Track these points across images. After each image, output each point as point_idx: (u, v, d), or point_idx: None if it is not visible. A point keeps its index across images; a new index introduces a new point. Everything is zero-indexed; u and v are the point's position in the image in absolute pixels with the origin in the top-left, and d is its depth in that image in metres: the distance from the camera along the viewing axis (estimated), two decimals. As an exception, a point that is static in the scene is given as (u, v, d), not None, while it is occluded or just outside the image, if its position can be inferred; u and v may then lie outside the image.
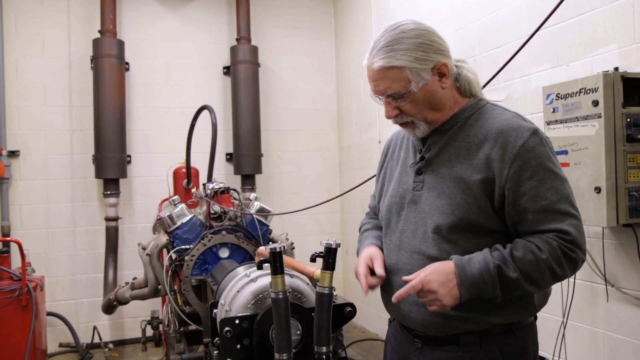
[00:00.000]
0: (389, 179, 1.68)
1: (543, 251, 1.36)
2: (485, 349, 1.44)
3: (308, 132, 5.84)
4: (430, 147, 1.53)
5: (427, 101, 1.47)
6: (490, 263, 1.36)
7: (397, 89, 1.44)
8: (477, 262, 1.37)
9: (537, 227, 1.39)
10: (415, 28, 1.45)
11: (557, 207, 1.38)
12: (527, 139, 1.39)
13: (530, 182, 1.38)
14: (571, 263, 1.39)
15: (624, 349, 2.56)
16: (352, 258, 5.51)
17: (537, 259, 1.36)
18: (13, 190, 4.81)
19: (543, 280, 1.39)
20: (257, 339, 1.65)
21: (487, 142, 1.43)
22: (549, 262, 1.36)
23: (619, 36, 2.51)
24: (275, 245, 1.55)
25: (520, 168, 1.38)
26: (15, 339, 3.63)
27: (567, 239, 1.37)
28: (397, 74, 1.43)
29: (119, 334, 5.10)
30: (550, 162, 1.40)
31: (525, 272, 1.36)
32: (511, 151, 1.39)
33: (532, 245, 1.37)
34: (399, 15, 4.52)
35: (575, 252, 1.38)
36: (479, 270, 1.36)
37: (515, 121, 1.44)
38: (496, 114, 1.48)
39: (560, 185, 1.39)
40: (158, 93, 5.30)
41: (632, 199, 2.29)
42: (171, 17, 5.38)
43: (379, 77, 1.46)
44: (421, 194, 1.51)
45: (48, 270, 4.78)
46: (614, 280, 2.59)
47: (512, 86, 3.21)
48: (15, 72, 4.85)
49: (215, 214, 3.07)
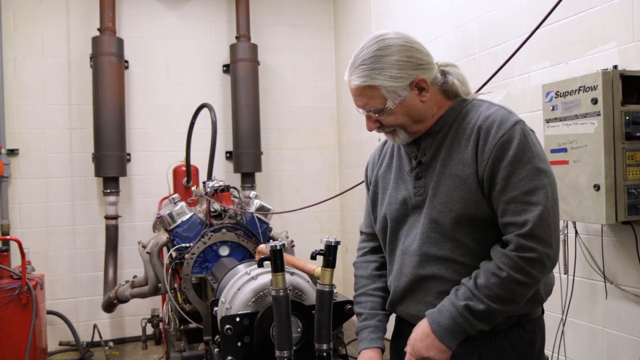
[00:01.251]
0: (383, 188, 1.67)
1: (503, 269, 1.35)
2: (496, 343, 1.46)
3: (308, 129, 5.84)
4: (425, 151, 1.55)
5: (406, 114, 1.49)
6: (458, 306, 1.39)
7: (374, 106, 1.48)
8: (447, 310, 1.40)
9: (504, 218, 1.39)
10: (393, 44, 1.46)
11: (525, 198, 1.36)
12: (508, 129, 1.40)
13: (503, 172, 1.38)
14: (536, 265, 1.34)
15: (622, 345, 2.57)
16: (351, 256, 5.52)
17: (500, 279, 1.35)
18: (12, 188, 4.81)
19: (516, 295, 1.37)
20: (258, 336, 1.66)
21: (473, 135, 1.45)
22: (512, 277, 1.34)
23: (618, 34, 2.52)
24: (276, 243, 1.56)
25: (498, 158, 1.39)
26: (16, 337, 3.63)
27: (524, 233, 1.34)
28: (373, 92, 1.46)
29: (119, 332, 5.11)
30: (529, 153, 1.38)
31: (494, 297, 1.36)
32: (491, 142, 1.40)
33: (492, 266, 1.38)
34: (399, 13, 4.52)
35: (534, 250, 1.33)
36: (450, 318, 1.39)
37: (499, 114, 1.45)
38: (482, 109, 1.50)
39: (535, 177, 1.37)
40: (157, 91, 5.30)
41: (630, 197, 2.30)
42: (171, 15, 5.37)
43: (357, 94, 1.49)
44: (423, 198, 1.51)
45: (48, 269, 4.79)
46: (612, 277, 2.60)
47: (511, 84, 3.21)
48: (15, 71, 4.84)
49: (215, 212, 3.08)
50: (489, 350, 1.46)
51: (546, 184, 1.38)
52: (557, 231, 1.39)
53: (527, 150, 1.38)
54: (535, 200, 1.35)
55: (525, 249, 1.34)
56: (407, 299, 1.55)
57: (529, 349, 1.50)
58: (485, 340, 1.46)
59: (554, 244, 1.37)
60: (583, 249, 2.72)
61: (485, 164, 1.40)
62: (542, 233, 1.34)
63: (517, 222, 1.36)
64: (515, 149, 1.38)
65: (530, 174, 1.37)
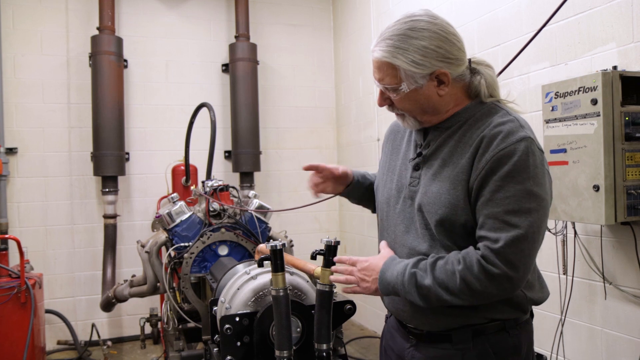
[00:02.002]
0: (389, 169, 1.66)
1: (460, 262, 1.34)
2: (478, 346, 1.45)
3: (307, 129, 5.84)
4: (429, 144, 1.52)
5: (417, 102, 1.46)
6: (408, 271, 1.40)
7: (388, 83, 1.45)
8: (400, 267, 1.43)
9: (480, 231, 1.36)
10: (426, 29, 1.41)
11: (505, 217, 1.31)
12: (511, 144, 1.34)
13: (492, 185, 1.34)
14: (491, 279, 1.30)
15: (621, 346, 2.58)
16: (351, 255, 5.51)
17: (453, 270, 1.34)
18: (11, 187, 4.80)
19: (461, 292, 1.34)
20: (258, 336, 1.66)
21: (475, 143, 1.40)
22: (464, 274, 1.32)
23: (617, 35, 2.52)
24: (277, 242, 1.56)
25: (491, 170, 1.34)
26: (14, 336, 3.62)
27: (494, 248, 1.30)
28: (391, 70, 1.43)
29: (117, 331, 5.10)
30: (525, 174, 1.32)
31: (440, 281, 1.35)
32: (490, 153, 1.35)
33: (456, 256, 1.37)
34: (398, 13, 4.49)
35: (498, 267, 1.30)
36: (395, 275, 1.43)
37: (509, 126, 1.38)
38: (495, 117, 1.43)
39: (522, 198, 1.31)
40: (157, 90, 5.29)
41: (630, 197, 2.30)
42: (170, 15, 5.37)
43: (376, 67, 1.47)
44: (417, 189, 1.51)
45: (46, 268, 4.78)
46: (611, 277, 2.60)
47: (511, 84, 3.21)
48: (13, 69, 4.83)
49: (215, 212, 3.08)
50: (470, 354, 1.45)
51: (532, 209, 1.31)
52: (530, 257, 1.33)
53: (523, 170, 1.32)
54: (515, 222, 1.30)
55: (489, 261, 1.31)
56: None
57: (514, 354, 1.48)
58: (467, 343, 1.45)
59: (522, 270, 1.31)
60: (582, 249, 2.73)
61: (478, 174, 1.36)
62: (511, 255, 1.30)
63: (490, 238, 1.32)
64: (512, 165, 1.32)
65: (519, 194, 1.31)
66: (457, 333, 1.46)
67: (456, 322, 1.46)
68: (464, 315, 1.45)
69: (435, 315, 1.47)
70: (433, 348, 1.50)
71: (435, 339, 1.50)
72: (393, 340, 1.65)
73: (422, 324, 1.52)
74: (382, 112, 4.62)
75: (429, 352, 1.51)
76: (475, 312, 1.44)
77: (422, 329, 1.52)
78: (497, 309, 1.44)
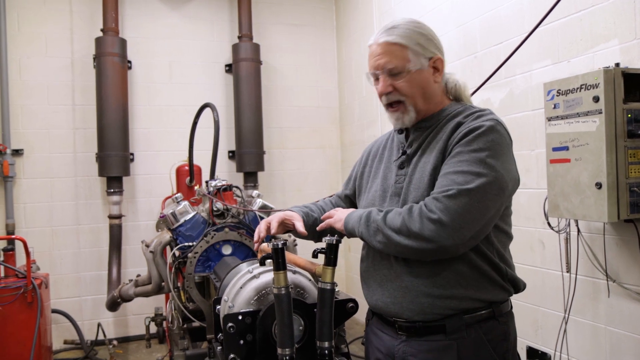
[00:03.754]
0: (372, 176, 1.77)
1: (408, 208, 1.46)
2: (471, 334, 1.50)
3: (310, 129, 5.85)
4: (412, 143, 1.64)
5: (419, 86, 1.58)
6: (366, 211, 1.56)
7: (396, 64, 1.55)
8: (363, 210, 1.58)
9: (432, 191, 1.47)
10: (420, 24, 1.61)
11: (452, 176, 1.42)
12: (479, 122, 1.47)
13: (452, 153, 1.47)
14: (426, 221, 1.40)
15: (625, 344, 2.57)
16: (354, 254, 5.53)
17: (400, 212, 1.47)
18: (17, 188, 4.84)
19: (400, 231, 1.44)
20: (260, 334, 1.66)
21: (452, 129, 1.53)
22: (405, 215, 1.44)
23: (620, 32, 2.52)
24: (278, 241, 1.57)
25: (457, 142, 1.47)
26: (21, 335, 3.65)
27: (435, 197, 1.41)
28: (399, 51, 1.55)
29: (123, 330, 5.13)
30: (483, 145, 1.43)
31: (388, 219, 1.47)
32: (460, 129, 1.49)
33: (409, 204, 1.49)
34: (401, 12, 4.52)
35: (434, 212, 1.39)
36: (358, 214, 1.58)
37: (478, 114, 1.54)
38: (469, 111, 1.57)
39: (474, 163, 1.41)
40: (160, 91, 5.31)
41: (633, 195, 2.30)
42: (173, 15, 5.39)
43: (381, 52, 1.57)
44: (402, 186, 1.60)
45: (52, 268, 4.81)
46: (615, 275, 2.59)
47: (513, 82, 3.21)
48: (19, 71, 4.87)
49: (218, 211, 3.09)
50: (465, 342, 1.50)
51: (481, 174, 1.40)
52: (469, 214, 1.39)
53: (482, 142, 1.43)
54: (460, 181, 1.40)
55: (428, 207, 1.41)
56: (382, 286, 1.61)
57: (504, 340, 1.56)
58: (462, 332, 1.50)
59: (457, 221, 1.38)
60: (585, 247, 2.72)
61: (450, 149, 1.50)
62: (449, 205, 1.38)
63: (435, 192, 1.44)
64: (474, 136, 1.44)
65: (472, 159, 1.42)
66: (450, 322, 1.50)
67: (448, 307, 1.50)
68: (455, 299, 1.50)
69: (427, 300, 1.50)
70: (426, 341, 1.52)
71: (428, 331, 1.52)
72: (379, 340, 1.66)
73: (414, 313, 1.53)
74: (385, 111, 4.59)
75: (422, 345, 1.53)
76: (464, 292, 1.50)
77: (414, 320, 1.54)
78: (483, 287, 1.52)
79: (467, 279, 1.51)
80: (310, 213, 1.85)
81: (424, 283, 1.52)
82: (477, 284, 1.51)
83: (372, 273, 1.66)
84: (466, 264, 1.51)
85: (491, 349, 1.52)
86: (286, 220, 1.75)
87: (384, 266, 1.61)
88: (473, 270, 1.51)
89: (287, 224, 1.76)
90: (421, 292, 1.51)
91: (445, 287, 1.50)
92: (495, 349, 1.53)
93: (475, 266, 1.51)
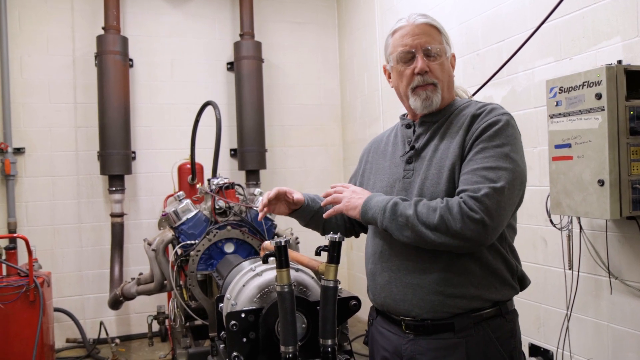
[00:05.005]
0: (375, 172, 1.76)
1: (443, 202, 1.44)
2: (480, 332, 1.51)
3: (312, 127, 5.85)
4: (419, 137, 1.65)
5: (448, 73, 1.64)
6: (392, 201, 1.50)
7: (436, 44, 1.59)
8: (386, 197, 1.53)
9: (460, 187, 1.46)
10: None
11: (483, 172, 1.43)
12: (496, 115, 1.50)
13: (475, 149, 1.48)
14: (468, 221, 1.39)
15: (627, 341, 2.57)
16: (356, 252, 5.53)
17: (435, 207, 1.44)
18: (19, 187, 4.84)
19: (437, 228, 1.41)
20: (263, 332, 1.67)
21: (467, 122, 1.54)
22: (444, 212, 1.41)
23: (622, 29, 2.51)
24: (281, 239, 1.57)
25: (477, 137, 1.49)
26: (24, 334, 3.66)
27: (474, 196, 1.40)
28: (437, 34, 1.62)
29: (125, 329, 5.14)
30: (504, 139, 1.46)
31: (421, 214, 1.44)
32: (478, 124, 1.51)
33: (439, 199, 1.47)
34: (403, 9, 4.51)
35: (477, 212, 1.38)
36: (380, 202, 1.53)
37: (492, 106, 1.56)
38: (479, 105, 1.60)
39: (500, 158, 1.43)
40: (162, 89, 5.31)
41: (635, 192, 2.29)
42: (175, 13, 5.38)
43: (421, 32, 1.60)
44: (411, 180, 1.59)
45: (54, 266, 4.82)
46: (617, 272, 2.59)
47: (515, 80, 3.20)
48: (20, 69, 4.87)
49: (220, 209, 3.09)
50: (474, 340, 1.51)
51: (508, 169, 1.43)
52: (505, 211, 1.42)
53: (504, 137, 1.47)
54: (492, 177, 1.42)
55: (469, 206, 1.40)
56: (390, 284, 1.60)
57: (511, 337, 1.57)
58: (470, 330, 1.51)
59: (497, 220, 1.40)
60: (587, 244, 2.72)
61: (468, 145, 1.50)
62: (489, 204, 1.39)
63: (470, 189, 1.42)
64: (494, 131, 1.47)
65: (497, 155, 1.44)
66: (459, 321, 1.50)
67: (458, 306, 1.50)
68: (465, 298, 1.50)
69: (438, 298, 1.51)
70: (434, 339, 1.52)
71: (436, 330, 1.52)
72: (385, 339, 1.66)
73: (423, 311, 1.53)
74: (388, 109, 4.61)
75: (430, 344, 1.53)
76: (475, 291, 1.50)
77: (424, 318, 1.54)
78: (493, 287, 1.52)
79: (478, 278, 1.51)
80: (317, 199, 1.88)
81: (435, 281, 1.52)
82: (488, 283, 1.52)
83: (380, 270, 1.65)
84: (477, 263, 1.51)
85: (499, 346, 1.53)
86: (283, 193, 1.79)
87: (393, 264, 1.60)
88: (484, 269, 1.52)
89: (286, 197, 1.81)
90: (432, 290, 1.52)
91: (456, 286, 1.51)
92: (503, 346, 1.54)
93: (486, 265, 1.52)
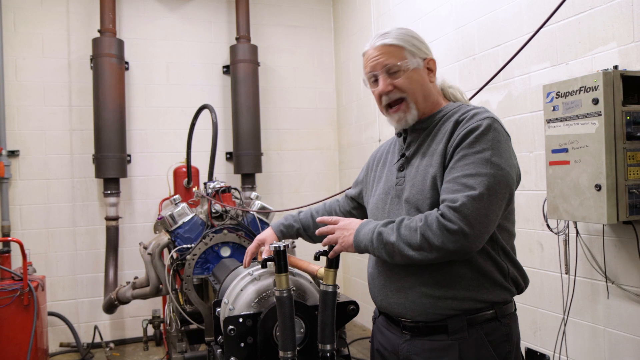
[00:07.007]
0: (376, 180, 1.79)
1: (422, 220, 1.45)
2: (473, 335, 1.52)
3: (308, 130, 5.85)
4: (410, 145, 1.67)
5: (418, 83, 1.62)
6: (376, 230, 1.52)
7: (394, 62, 1.59)
8: (371, 226, 1.54)
9: (441, 196, 1.47)
10: (410, 30, 1.67)
11: (462, 180, 1.43)
12: (477, 121, 1.50)
13: (455, 157, 1.48)
14: (447, 234, 1.39)
15: (624, 345, 2.58)
16: (352, 256, 5.52)
17: (415, 227, 1.45)
18: (13, 190, 4.81)
19: (421, 247, 1.43)
20: (261, 337, 1.66)
21: (450, 128, 1.55)
22: (424, 230, 1.42)
23: (618, 35, 2.52)
24: (279, 243, 1.56)
25: (458, 145, 1.49)
26: (17, 338, 3.63)
27: (451, 206, 1.40)
28: (396, 50, 1.60)
29: (120, 333, 5.10)
30: (484, 144, 1.46)
31: (404, 238, 1.46)
32: (459, 130, 1.51)
33: (420, 216, 1.48)
34: (399, 13, 4.53)
35: (455, 223, 1.39)
36: (367, 233, 1.54)
37: (475, 111, 1.55)
38: (464, 110, 1.59)
39: (480, 164, 1.44)
40: (158, 92, 5.30)
41: (632, 197, 2.30)
42: (171, 16, 5.38)
43: (378, 53, 1.61)
44: (403, 187, 1.62)
45: (48, 270, 4.79)
46: (614, 277, 2.60)
47: (512, 84, 3.22)
48: (15, 72, 4.84)
49: (217, 213, 3.08)
50: (467, 343, 1.51)
51: (488, 174, 1.43)
52: (486, 218, 1.42)
53: (484, 142, 1.46)
54: (471, 184, 1.42)
55: (447, 218, 1.41)
56: (386, 287, 1.62)
57: (506, 341, 1.56)
58: (463, 333, 1.52)
59: (477, 228, 1.40)
60: (584, 248, 2.73)
61: (450, 152, 1.51)
62: (467, 213, 1.39)
63: (449, 198, 1.43)
64: (474, 137, 1.47)
65: (477, 161, 1.44)
66: (452, 322, 1.51)
67: (450, 307, 1.52)
68: (456, 299, 1.51)
69: (429, 300, 1.52)
70: (429, 340, 1.54)
71: (431, 331, 1.54)
72: (385, 338, 1.68)
73: (416, 313, 1.55)
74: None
75: (424, 344, 1.55)
76: (466, 293, 1.51)
77: (417, 320, 1.55)
78: (484, 287, 1.53)
79: (468, 280, 1.52)
80: (292, 225, 2.01)
81: (425, 284, 1.54)
82: (478, 284, 1.53)
83: (377, 274, 1.67)
84: (467, 266, 1.52)
85: (492, 350, 1.53)
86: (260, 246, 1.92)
87: (387, 268, 1.62)
88: (474, 271, 1.53)
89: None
90: (422, 293, 1.54)
91: (446, 288, 1.52)
92: (497, 350, 1.54)
93: (476, 267, 1.52)
